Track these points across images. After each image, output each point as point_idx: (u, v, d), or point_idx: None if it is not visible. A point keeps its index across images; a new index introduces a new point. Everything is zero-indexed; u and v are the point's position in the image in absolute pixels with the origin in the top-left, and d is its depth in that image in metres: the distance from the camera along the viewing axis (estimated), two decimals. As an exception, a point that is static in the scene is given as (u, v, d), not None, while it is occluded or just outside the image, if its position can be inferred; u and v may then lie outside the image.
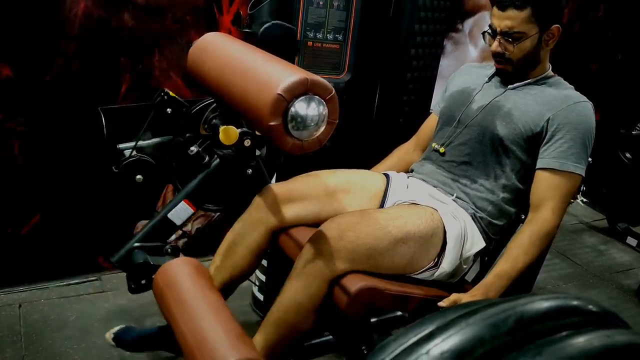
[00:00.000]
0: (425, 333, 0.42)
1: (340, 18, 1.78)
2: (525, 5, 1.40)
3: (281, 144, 1.04)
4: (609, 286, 2.68)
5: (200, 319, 1.19)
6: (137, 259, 1.48)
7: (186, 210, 1.55)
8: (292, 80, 0.99)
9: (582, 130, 1.44)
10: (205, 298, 1.27)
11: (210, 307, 1.24)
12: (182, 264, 1.39)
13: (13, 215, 2.02)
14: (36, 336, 1.87)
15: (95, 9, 1.89)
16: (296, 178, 1.58)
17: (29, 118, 1.93)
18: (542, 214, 1.41)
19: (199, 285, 1.32)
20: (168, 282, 1.33)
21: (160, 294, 1.35)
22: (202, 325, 1.17)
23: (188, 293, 1.28)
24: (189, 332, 1.17)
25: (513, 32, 1.43)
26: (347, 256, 1.28)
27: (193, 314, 1.21)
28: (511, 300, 0.42)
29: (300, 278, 1.30)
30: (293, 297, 1.32)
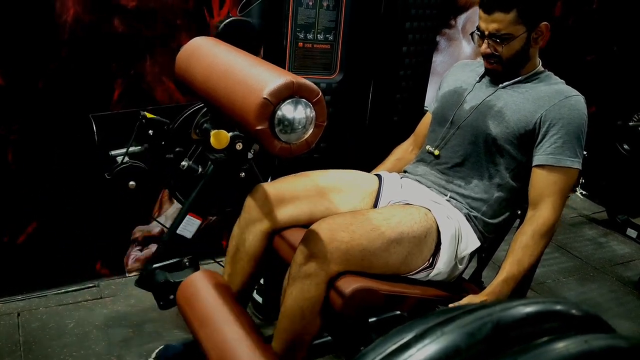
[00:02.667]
0: (402, 342, 0.41)
1: (331, 18, 1.78)
2: (511, 8, 1.40)
3: (269, 148, 1.03)
4: (610, 279, 2.67)
5: (222, 333, 1.24)
6: (158, 279, 1.51)
7: (193, 222, 1.57)
8: (278, 84, 0.98)
9: (575, 125, 1.43)
10: (225, 310, 1.32)
11: (231, 320, 1.29)
12: (200, 278, 1.44)
13: (9, 224, 2.01)
14: (35, 345, 1.87)
15: (85, 14, 1.89)
16: (286, 178, 1.58)
17: (22, 125, 1.92)
18: (542, 212, 1.41)
19: (218, 297, 1.37)
20: (188, 299, 1.39)
21: (184, 311, 1.41)
22: (224, 339, 1.21)
23: (209, 306, 1.33)
24: (212, 347, 1.21)
25: (501, 34, 1.43)
26: (340, 257, 1.27)
27: (215, 328, 1.26)
28: (488, 306, 0.41)
29: (296, 283, 1.30)
30: (294, 303, 1.32)
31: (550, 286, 2.56)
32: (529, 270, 1.41)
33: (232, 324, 1.29)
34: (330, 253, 1.26)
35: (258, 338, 1.28)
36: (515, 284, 1.39)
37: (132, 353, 1.88)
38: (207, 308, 1.35)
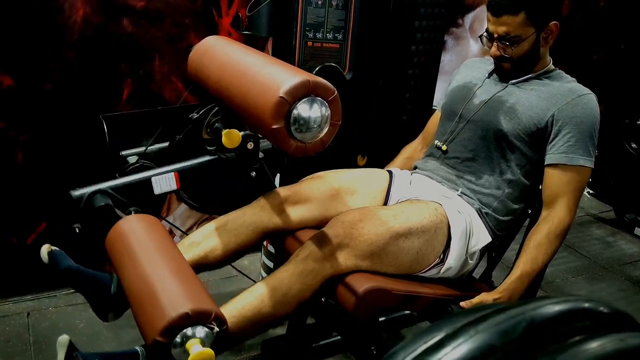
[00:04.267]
0: (434, 341, 0.41)
1: (340, 17, 1.78)
2: (519, 10, 1.39)
3: (284, 147, 1.03)
4: (619, 278, 2.66)
5: (155, 264, 1.04)
6: (99, 202, 1.31)
7: (171, 182, 1.44)
8: (294, 83, 0.98)
9: (588, 123, 1.42)
10: (163, 248, 1.11)
11: (168, 256, 1.09)
12: (142, 218, 1.25)
13: (18, 225, 2.02)
14: (45, 345, 1.87)
15: (94, 15, 1.89)
16: (301, 181, 1.58)
17: (32, 126, 1.93)
18: (557, 212, 1.40)
19: (157, 237, 1.17)
20: (124, 232, 1.18)
21: (113, 243, 1.20)
22: (153, 273, 1.01)
23: (144, 241, 1.13)
24: (138, 279, 1.02)
25: (510, 36, 1.43)
26: (350, 254, 1.27)
27: (147, 259, 1.06)
28: (521, 305, 0.41)
29: (300, 265, 1.27)
30: (287, 280, 1.27)
31: (559, 285, 2.55)
32: (542, 268, 1.41)
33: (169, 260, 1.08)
34: (340, 249, 1.27)
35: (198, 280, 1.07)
36: (528, 282, 1.39)
37: (141, 353, 1.88)
38: (142, 243, 1.13)
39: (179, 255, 1.14)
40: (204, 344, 0.94)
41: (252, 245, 1.49)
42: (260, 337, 2.01)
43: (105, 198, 1.34)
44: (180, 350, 0.94)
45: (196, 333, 0.94)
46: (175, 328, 0.92)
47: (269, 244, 2.13)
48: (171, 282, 1.00)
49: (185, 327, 0.93)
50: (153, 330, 0.93)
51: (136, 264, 1.06)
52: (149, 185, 1.42)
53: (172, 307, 0.93)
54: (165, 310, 0.93)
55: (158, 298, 0.96)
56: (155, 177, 1.42)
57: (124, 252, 1.12)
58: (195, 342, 0.92)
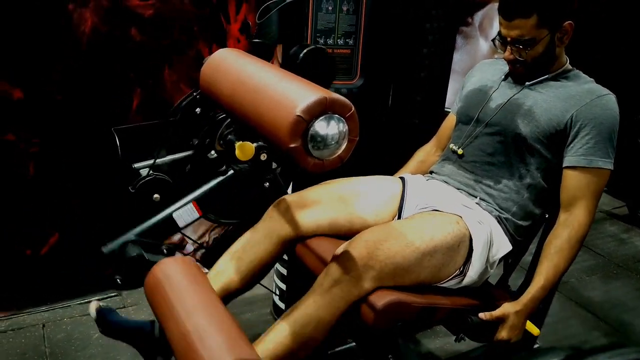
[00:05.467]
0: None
1: (350, 22, 1.76)
2: (531, 12, 1.37)
3: (302, 164, 1.01)
4: (634, 276, 2.64)
5: (193, 317, 1.05)
6: (130, 253, 1.33)
7: (192, 213, 1.44)
8: (311, 100, 0.96)
9: (607, 125, 1.40)
10: (200, 295, 1.12)
11: (205, 305, 1.10)
12: (177, 261, 1.25)
13: (32, 237, 2.02)
14: (61, 356, 1.88)
15: (102, 25, 1.88)
16: (311, 187, 1.56)
17: (43, 138, 1.92)
18: (577, 216, 1.38)
19: (194, 282, 1.17)
20: (161, 279, 1.18)
21: (152, 292, 1.20)
22: (195, 323, 1.03)
23: (181, 290, 1.13)
24: (180, 331, 1.04)
25: (523, 39, 1.40)
26: (375, 276, 1.26)
27: (186, 311, 1.07)
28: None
29: (327, 296, 1.27)
30: (315, 313, 1.28)
31: (574, 285, 2.53)
32: (563, 274, 1.39)
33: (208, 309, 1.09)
34: (366, 272, 1.25)
35: (238, 327, 1.08)
36: (550, 289, 1.38)
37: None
38: (180, 291, 1.14)
39: (215, 300, 1.13)
40: None
41: (275, 257, 1.49)
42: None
43: (135, 247, 1.35)
44: None
45: None
46: None
47: (282, 249, 2.12)
48: (212, 334, 1.01)
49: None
50: None
51: (175, 316, 1.07)
52: (173, 222, 1.42)
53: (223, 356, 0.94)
54: None
55: (200, 354, 0.96)
56: (176, 212, 1.43)
57: (162, 302, 1.13)
58: None
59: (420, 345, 2.05)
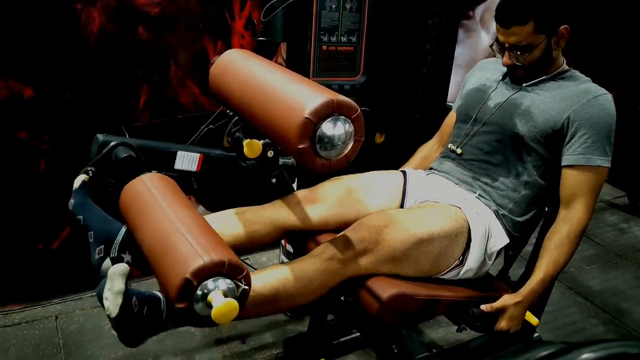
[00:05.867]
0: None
1: (354, 20, 1.79)
2: (528, 19, 1.40)
3: (310, 164, 1.06)
4: (633, 265, 2.68)
5: (178, 217, 1.01)
6: (122, 153, 1.31)
7: (193, 162, 1.45)
8: (318, 103, 1.00)
9: (604, 124, 1.44)
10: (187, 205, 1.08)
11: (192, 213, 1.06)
12: (162, 177, 1.24)
13: (43, 231, 2.07)
14: (75, 347, 1.93)
15: (109, 24, 1.91)
16: (319, 184, 1.61)
17: (53, 135, 1.96)
18: (577, 212, 1.43)
19: (181, 196, 1.14)
20: (145, 187, 1.16)
21: (127, 201, 1.18)
22: (180, 222, 0.98)
23: (168, 198, 1.10)
24: (161, 228, 0.99)
25: (521, 45, 1.44)
26: (372, 258, 1.31)
27: (169, 213, 1.03)
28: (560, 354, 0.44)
29: (325, 263, 1.31)
30: (311, 272, 1.30)
31: (574, 275, 2.58)
32: (563, 268, 1.44)
33: (184, 214, 1.04)
34: (364, 253, 1.31)
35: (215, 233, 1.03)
36: (550, 282, 1.43)
37: (167, 353, 1.94)
38: (157, 200, 1.10)
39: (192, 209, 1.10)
40: (227, 297, 0.91)
41: (267, 240, 1.50)
42: (283, 335, 2.06)
43: (129, 151, 1.33)
44: (203, 302, 0.91)
45: (220, 286, 0.91)
46: (207, 272, 0.89)
47: (287, 243, 2.17)
48: (203, 234, 0.96)
49: (217, 275, 0.90)
50: (182, 272, 0.89)
51: (163, 213, 1.03)
52: (172, 157, 1.41)
53: (207, 253, 0.90)
54: (200, 254, 0.89)
55: (191, 244, 0.92)
56: (181, 151, 1.42)
57: (147, 203, 1.08)
58: (218, 294, 0.90)
59: (423, 335, 2.10)
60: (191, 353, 1.96)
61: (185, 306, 0.92)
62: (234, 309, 0.91)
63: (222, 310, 0.89)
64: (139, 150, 1.37)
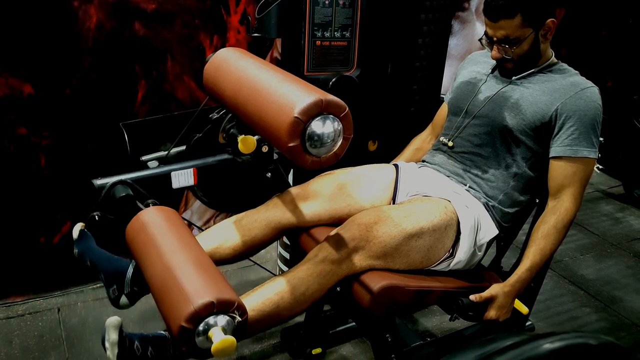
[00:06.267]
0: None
1: (347, 15, 1.81)
2: (515, 13, 1.43)
3: (300, 162, 1.09)
4: (627, 255, 2.71)
5: (175, 256, 1.05)
6: (119, 193, 1.34)
7: (189, 178, 1.48)
8: (308, 102, 1.03)
9: (590, 116, 1.47)
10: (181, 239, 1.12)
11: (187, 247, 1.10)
12: (160, 210, 1.26)
13: (45, 225, 2.11)
14: (77, 339, 1.98)
15: (106, 20, 1.94)
16: (312, 180, 1.64)
17: (53, 131, 1.99)
18: (564, 203, 1.46)
19: (177, 228, 1.17)
20: (143, 224, 1.19)
21: (132, 236, 1.21)
22: (175, 263, 1.03)
23: (164, 233, 1.14)
24: (161, 268, 1.04)
25: (509, 39, 1.47)
26: (364, 255, 1.35)
27: (165, 251, 1.07)
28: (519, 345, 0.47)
29: (318, 266, 1.35)
30: (306, 279, 1.34)
31: (568, 264, 2.62)
32: (549, 257, 1.48)
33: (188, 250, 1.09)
34: (356, 251, 1.34)
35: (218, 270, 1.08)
36: (537, 270, 1.47)
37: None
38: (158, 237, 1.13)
39: (199, 247, 1.15)
40: (226, 332, 0.96)
41: (266, 240, 1.55)
42: (280, 326, 2.10)
43: (126, 189, 1.37)
44: (203, 338, 0.96)
45: (218, 322, 0.95)
46: (199, 316, 0.94)
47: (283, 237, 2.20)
48: (194, 272, 1.01)
49: (209, 315, 0.95)
50: (178, 318, 0.94)
51: (159, 253, 1.08)
52: (168, 179, 1.45)
53: (197, 295, 0.95)
54: (190, 298, 0.94)
55: (182, 287, 0.97)
56: (174, 171, 1.46)
57: (146, 242, 1.13)
58: (217, 330, 0.94)
59: (417, 324, 2.14)
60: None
61: (189, 347, 0.98)
62: (231, 344, 0.95)
63: (221, 348, 0.94)
64: (136, 182, 1.40)
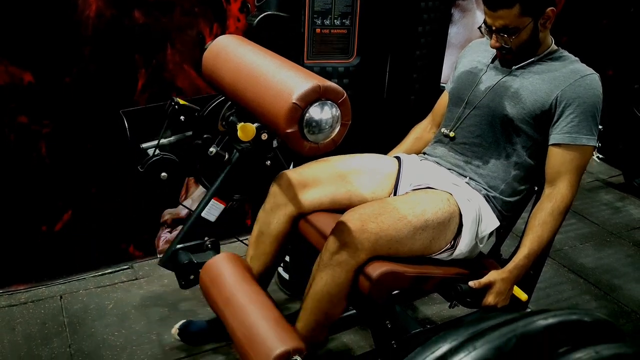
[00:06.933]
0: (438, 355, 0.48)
1: (347, 3, 1.80)
2: (514, 3, 1.43)
3: (298, 148, 1.09)
4: (626, 244, 2.72)
5: (247, 313, 1.33)
6: (182, 260, 1.59)
7: (217, 207, 1.65)
8: (306, 88, 1.04)
9: (590, 103, 1.47)
10: (248, 291, 1.40)
11: (254, 300, 1.38)
12: (224, 260, 1.52)
13: (46, 213, 2.12)
14: (79, 326, 1.99)
15: (106, 8, 1.93)
16: (309, 164, 1.64)
17: (53, 119, 2.00)
18: (560, 189, 1.47)
19: (241, 278, 1.45)
20: (212, 279, 1.47)
21: (207, 290, 1.49)
22: (249, 318, 1.31)
23: (232, 287, 1.41)
24: (237, 326, 1.31)
25: (508, 28, 1.47)
26: (369, 247, 1.35)
27: (239, 308, 1.35)
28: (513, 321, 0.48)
29: (328, 270, 1.38)
30: (324, 288, 1.40)
31: (568, 253, 2.63)
32: (547, 244, 1.48)
33: (257, 303, 1.38)
34: (361, 243, 1.34)
35: (281, 317, 1.38)
36: (535, 257, 1.47)
37: (170, 331, 1.99)
38: (230, 288, 1.43)
39: (261, 292, 1.44)
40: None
41: (287, 233, 1.62)
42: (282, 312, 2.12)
43: (183, 254, 1.61)
44: None
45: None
46: None
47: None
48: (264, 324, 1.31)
49: None
50: None
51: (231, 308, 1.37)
52: (204, 220, 1.66)
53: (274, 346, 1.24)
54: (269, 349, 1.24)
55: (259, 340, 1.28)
56: (204, 212, 1.65)
57: (218, 297, 1.43)
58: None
59: (417, 311, 2.16)
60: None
61: None
62: None
63: None
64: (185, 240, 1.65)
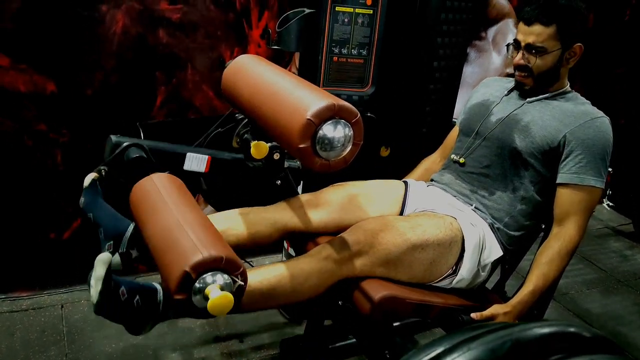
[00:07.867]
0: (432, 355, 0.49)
1: (365, 34, 1.85)
2: (551, 22, 1.46)
3: (310, 164, 1.11)
4: (634, 292, 2.69)
5: (183, 215, 1.08)
6: (132, 154, 1.40)
7: (202, 164, 1.52)
8: (321, 106, 1.06)
9: (600, 146, 1.48)
10: (191, 204, 1.15)
11: (196, 211, 1.13)
12: (171, 177, 1.30)
13: (56, 221, 2.14)
14: (78, 335, 1.99)
15: (132, 26, 2.00)
16: (324, 189, 1.66)
17: (72, 129, 2.05)
18: (568, 230, 1.47)
19: (187, 196, 1.21)
20: (154, 185, 1.23)
21: (136, 199, 1.25)
22: (182, 220, 1.05)
23: (174, 197, 1.17)
24: (166, 224, 1.06)
25: (537, 45, 1.49)
26: (367, 260, 1.36)
27: (175, 211, 1.10)
28: (509, 326, 0.49)
29: (320, 263, 1.36)
30: (307, 270, 1.35)
31: (574, 297, 2.59)
32: (552, 283, 1.47)
33: (187, 211, 1.11)
34: (358, 255, 1.36)
35: (215, 229, 1.11)
36: (539, 294, 1.46)
37: (167, 347, 1.99)
38: (160, 201, 1.16)
39: (196, 207, 1.17)
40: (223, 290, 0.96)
41: (268, 240, 1.54)
42: (279, 337, 2.11)
43: (140, 152, 1.41)
44: (200, 296, 0.97)
45: (218, 280, 0.96)
46: (206, 266, 0.95)
47: (290, 246, 2.22)
48: (205, 231, 1.03)
49: (215, 270, 0.96)
50: (183, 264, 0.95)
51: (169, 210, 1.10)
52: (181, 159, 1.49)
53: (207, 248, 0.97)
54: (200, 250, 0.97)
55: (192, 240, 0.99)
56: (190, 153, 1.50)
57: (156, 201, 1.16)
58: (215, 288, 0.95)
59: (417, 345, 2.13)
60: (190, 348, 2.01)
61: (183, 298, 0.98)
62: (229, 302, 0.96)
63: (218, 303, 0.95)
64: (150, 151, 1.44)
